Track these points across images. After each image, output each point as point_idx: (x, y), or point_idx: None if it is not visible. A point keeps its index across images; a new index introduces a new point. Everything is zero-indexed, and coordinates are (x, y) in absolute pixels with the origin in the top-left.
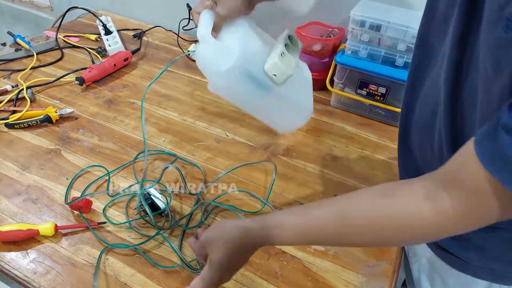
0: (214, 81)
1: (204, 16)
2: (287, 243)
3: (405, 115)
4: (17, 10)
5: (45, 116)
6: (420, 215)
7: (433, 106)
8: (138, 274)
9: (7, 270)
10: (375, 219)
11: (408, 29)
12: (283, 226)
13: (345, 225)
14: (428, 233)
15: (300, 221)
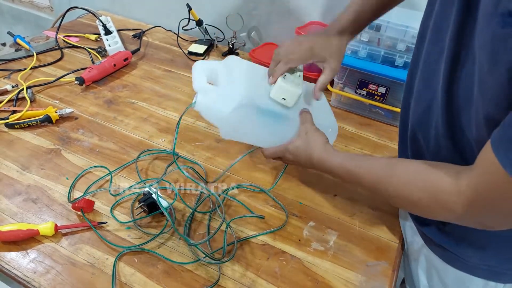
0: (223, 127)
1: (196, 68)
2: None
3: (403, 112)
4: (17, 10)
5: (45, 116)
6: (443, 183)
7: (428, 101)
8: (138, 273)
9: (7, 270)
10: (413, 173)
11: (408, 29)
12: (333, 168)
13: (389, 173)
14: (444, 204)
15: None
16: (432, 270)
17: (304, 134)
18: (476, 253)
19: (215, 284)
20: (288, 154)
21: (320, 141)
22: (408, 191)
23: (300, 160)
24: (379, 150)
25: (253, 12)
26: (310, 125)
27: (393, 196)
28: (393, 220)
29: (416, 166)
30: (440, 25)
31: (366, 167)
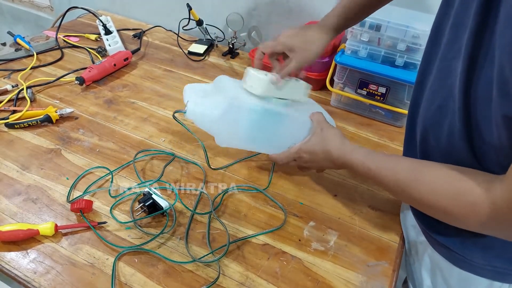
0: (217, 133)
1: (186, 90)
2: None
3: (411, 110)
4: (17, 10)
5: (45, 116)
6: (474, 193)
7: (440, 100)
8: (138, 273)
9: (7, 270)
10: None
11: (408, 29)
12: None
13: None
14: (472, 214)
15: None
16: (436, 270)
17: (320, 130)
18: (481, 254)
19: (214, 282)
20: (304, 153)
21: (338, 137)
22: (434, 198)
23: (317, 159)
24: (379, 150)
25: (253, 12)
26: (325, 122)
27: (417, 201)
28: (393, 220)
29: (443, 172)
30: (458, 24)
31: (388, 168)
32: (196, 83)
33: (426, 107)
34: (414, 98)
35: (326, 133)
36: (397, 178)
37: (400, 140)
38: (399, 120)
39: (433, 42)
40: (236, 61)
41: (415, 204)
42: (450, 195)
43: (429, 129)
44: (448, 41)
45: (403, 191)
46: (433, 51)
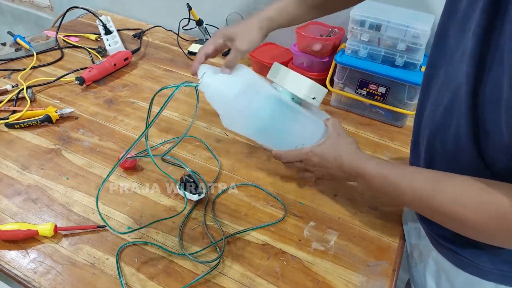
0: (226, 113)
1: (202, 67)
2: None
3: (418, 114)
4: (17, 10)
5: (45, 116)
6: (503, 205)
7: (446, 103)
8: (138, 273)
9: (7, 270)
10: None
11: (408, 29)
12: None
13: (436, 188)
14: (500, 227)
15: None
16: (441, 273)
17: (336, 135)
18: (488, 258)
19: (212, 269)
20: (314, 156)
21: (354, 146)
22: (456, 209)
23: (326, 164)
24: (379, 150)
25: (253, 12)
26: (341, 130)
27: (437, 212)
28: (393, 220)
29: (467, 181)
30: (463, 26)
31: (407, 178)
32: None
33: (432, 111)
34: (421, 102)
35: (342, 140)
36: (415, 187)
37: (400, 140)
38: (399, 120)
39: (438, 45)
40: None
41: (435, 215)
42: (475, 206)
43: (435, 132)
44: (454, 43)
45: (423, 204)
46: (438, 54)
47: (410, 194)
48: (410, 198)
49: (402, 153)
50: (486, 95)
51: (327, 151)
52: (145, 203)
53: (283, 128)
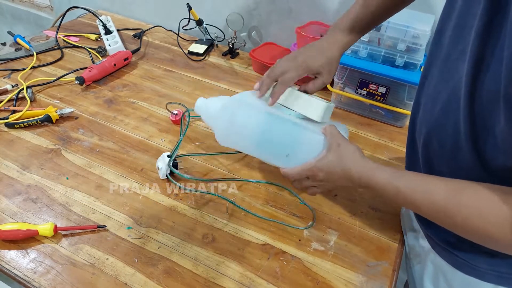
0: (218, 126)
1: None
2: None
3: (413, 113)
4: (17, 10)
5: (45, 116)
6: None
7: (443, 101)
8: (138, 273)
9: (7, 269)
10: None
11: (408, 29)
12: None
13: (455, 199)
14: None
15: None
16: (439, 274)
17: (337, 146)
18: (486, 260)
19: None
20: (319, 172)
21: (357, 154)
22: (482, 224)
23: (334, 178)
24: (379, 150)
25: (253, 12)
26: (341, 138)
27: (461, 228)
28: (393, 220)
29: (488, 193)
30: (462, 24)
31: (421, 188)
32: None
33: (428, 110)
34: (416, 101)
35: (344, 149)
36: (433, 200)
37: (400, 140)
38: (399, 120)
39: (436, 43)
40: (236, 61)
41: (461, 231)
42: (501, 220)
43: (432, 132)
44: (451, 42)
45: (442, 216)
46: (436, 52)
47: (428, 207)
48: (427, 210)
49: (402, 153)
50: (484, 92)
51: (332, 164)
52: (145, 203)
53: (276, 142)
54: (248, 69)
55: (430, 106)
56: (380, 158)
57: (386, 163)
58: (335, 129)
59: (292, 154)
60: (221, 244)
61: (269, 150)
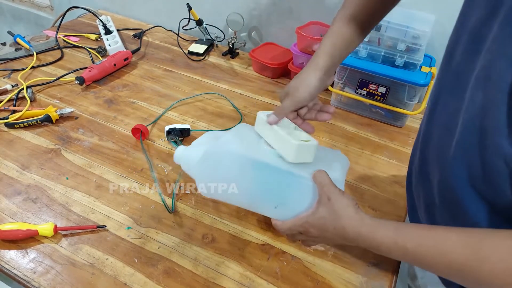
0: (198, 176)
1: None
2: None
3: (423, 143)
4: (17, 10)
5: (45, 116)
6: None
7: (459, 135)
8: (138, 273)
9: (7, 269)
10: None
11: (408, 29)
12: (381, 245)
13: (476, 256)
14: None
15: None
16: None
17: (327, 200)
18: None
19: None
20: (311, 227)
21: (351, 210)
22: (510, 279)
23: (327, 235)
24: (379, 150)
25: (253, 12)
26: (332, 187)
27: (485, 284)
28: (393, 220)
29: (509, 243)
30: (475, 44)
31: (433, 245)
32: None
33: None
34: (427, 131)
35: (335, 204)
36: (450, 259)
37: (400, 140)
38: (399, 120)
39: (444, 67)
40: (236, 61)
41: (482, 285)
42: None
43: (447, 169)
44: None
45: (462, 275)
46: (445, 76)
47: (444, 266)
48: (444, 269)
49: (402, 154)
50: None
51: (324, 221)
52: (145, 203)
53: (264, 194)
54: (248, 69)
55: (444, 141)
56: (380, 158)
57: (386, 163)
58: (325, 176)
59: (281, 205)
60: (221, 244)
61: (256, 203)
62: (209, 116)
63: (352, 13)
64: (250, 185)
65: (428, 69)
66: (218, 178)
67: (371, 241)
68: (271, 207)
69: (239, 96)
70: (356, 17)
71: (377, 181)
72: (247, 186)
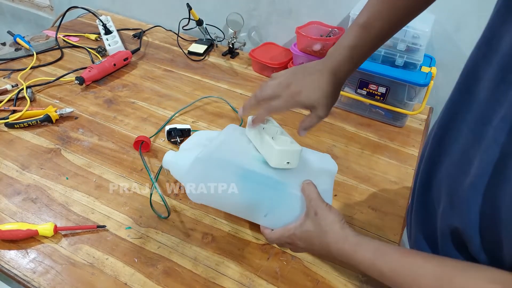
0: (187, 182)
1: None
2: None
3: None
4: (17, 10)
5: (45, 116)
6: None
7: (474, 176)
8: (138, 273)
9: (6, 269)
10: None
11: (408, 29)
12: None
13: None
14: None
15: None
16: None
17: (314, 214)
18: None
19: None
20: (298, 240)
21: (336, 226)
22: None
23: (313, 248)
24: (379, 150)
25: (253, 12)
26: (319, 201)
27: None
28: (393, 220)
29: (485, 278)
30: (508, 72)
31: (408, 276)
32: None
33: (453, 182)
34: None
35: (322, 219)
36: (420, 286)
37: (400, 140)
38: (399, 120)
39: (464, 90)
40: (236, 61)
41: None
42: None
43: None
44: (487, 93)
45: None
46: (462, 102)
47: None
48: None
49: (401, 154)
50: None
51: (310, 234)
52: (145, 203)
53: (253, 202)
54: (248, 69)
55: (456, 176)
56: (380, 158)
57: (386, 163)
58: (312, 189)
59: (270, 214)
60: (221, 244)
61: (246, 210)
62: (209, 116)
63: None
64: (239, 194)
65: (428, 69)
66: (207, 185)
67: (352, 259)
68: (261, 215)
69: (239, 96)
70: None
71: (377, 181)
72: (236, 194)
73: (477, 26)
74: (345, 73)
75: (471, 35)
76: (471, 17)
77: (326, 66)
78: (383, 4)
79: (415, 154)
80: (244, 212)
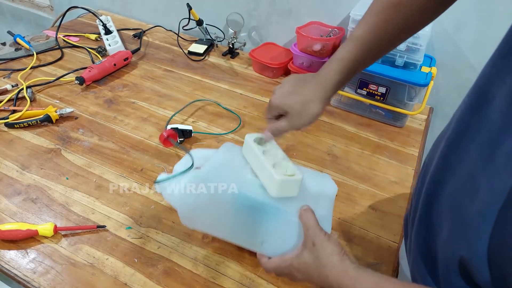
0: (181, 207)
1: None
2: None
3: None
4: (17, 10)
5: (45, 116)
6: None
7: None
8: (138, 274)
9: (6, 269)
10: None
11: None
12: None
13: None
14: None
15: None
16: None
17: (312, 245)
18: None
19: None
20: (296, 271)
21: (335, 257)
22: None
23: (312, 280)
24: (379, 150)
25: (253, 12)
26: (317, 230)
27: None
28: (393, 220)
29: None
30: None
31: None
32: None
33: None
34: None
35: (320, 251)
36: None
37: (400, 140)
38: (399, 120)
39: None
40: (236, 61)
41: None
42: None
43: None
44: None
45: None
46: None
47: None
48: None
49: (401, 154)
50: None
51: (308, 266)
52: (145, 203)
53: (248, 229)
54: (248, 69)
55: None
56: (380, 158)
57: (386, 163)
58: (310, 217)
59: (267, 241)
60: (221, 244)
61: (241, 238)
62: (209, 116)
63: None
64: (234, 219)
65: (428, 69)
66: (202, 211)
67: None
68: (257, 243)
69: (239, 96)
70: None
71: (377, 181)
72: (232, 221)
73: (477, 26)
74: (333, 85)
75: (471, 35)
76: (471, 17)
77: (315, 78)
78: (379, 16)
79: (415, 154)
80: (240, 239)
